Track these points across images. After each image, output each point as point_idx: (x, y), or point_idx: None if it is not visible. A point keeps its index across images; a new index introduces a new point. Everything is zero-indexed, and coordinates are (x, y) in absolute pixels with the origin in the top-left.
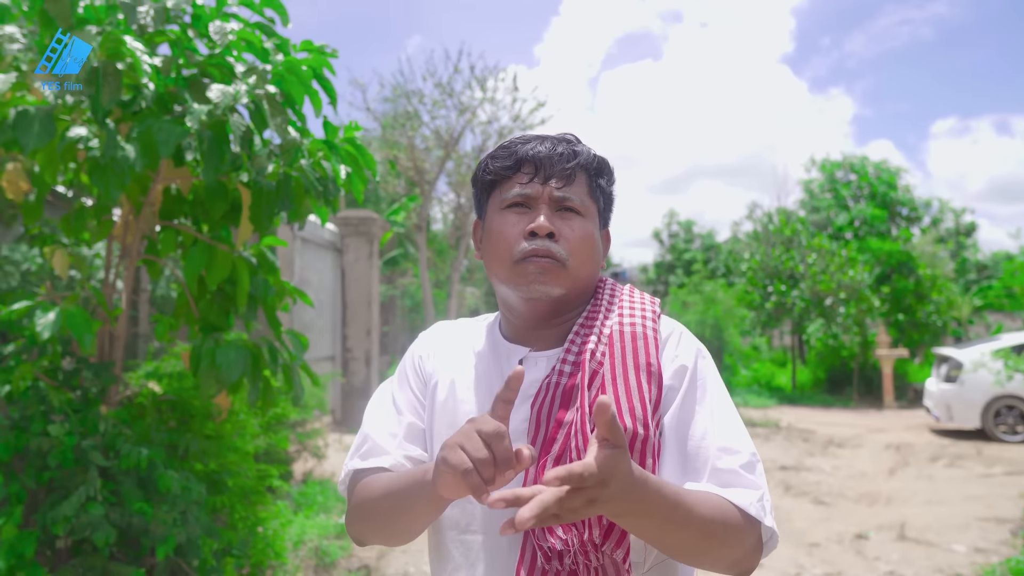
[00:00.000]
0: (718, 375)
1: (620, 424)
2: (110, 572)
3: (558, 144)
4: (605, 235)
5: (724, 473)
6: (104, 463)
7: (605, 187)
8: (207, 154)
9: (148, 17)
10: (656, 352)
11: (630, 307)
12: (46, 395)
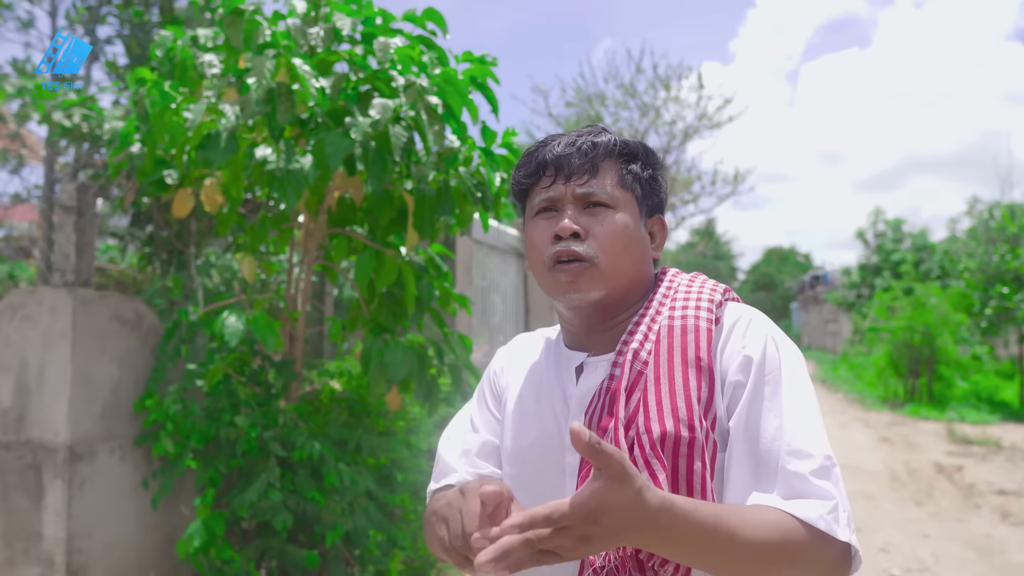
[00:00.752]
0: (797, 364)
1: (610, 450)
2: (287, 553)
3: (578, 138)
4: (656, 223)
5: (794, 479)
6: (282, 453)
7: (640, 172)
8: (371, 164)
9: (318, 38)
10: (708, 345)
11: (684, 297)
12: (235, 389)
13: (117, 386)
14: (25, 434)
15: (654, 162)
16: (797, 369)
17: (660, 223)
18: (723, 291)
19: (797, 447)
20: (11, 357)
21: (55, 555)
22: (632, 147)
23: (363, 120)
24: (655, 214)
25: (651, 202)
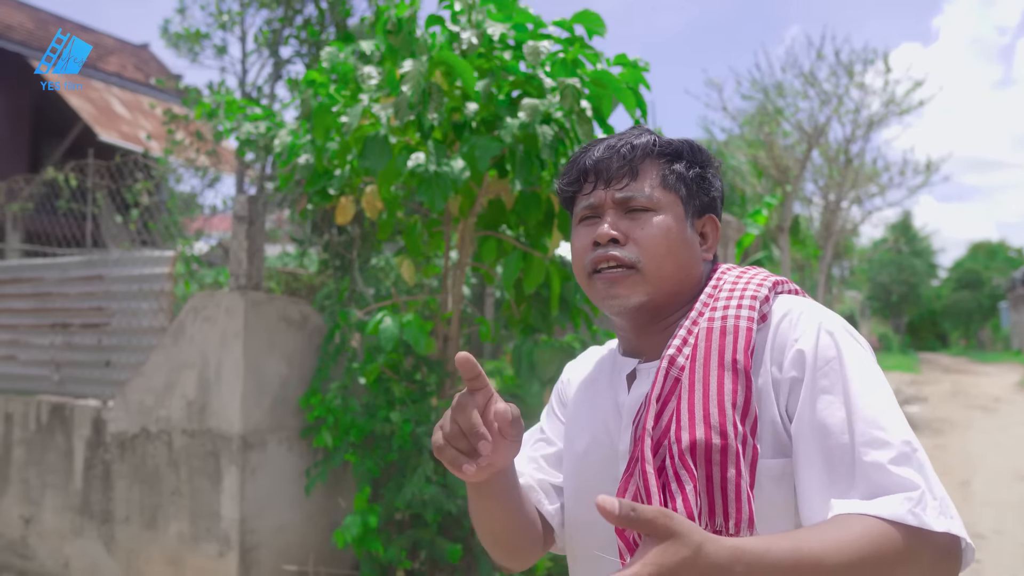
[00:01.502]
0: (857, 350)
1: (648, 513)
2: (437, 545)
3: (618, 141)
4: (707, 222)
5: (872, 471)
6: None
7: (685, 172)
8: (519, 166)
9: (470, 44)
10: (746, 345)
11: (727, 296)
12: (390, 387)
13: (285, 382)
14: (206, 424)
15: (702, 160)
16: (858, 355)
17: (712, 223)
18: (772, 285)
19: (870, 436)
20: (195, 354)
21: (231, 534)
22: (675, 146)
23: (513, 121)
24: (706, 213)
25: (699, 202)
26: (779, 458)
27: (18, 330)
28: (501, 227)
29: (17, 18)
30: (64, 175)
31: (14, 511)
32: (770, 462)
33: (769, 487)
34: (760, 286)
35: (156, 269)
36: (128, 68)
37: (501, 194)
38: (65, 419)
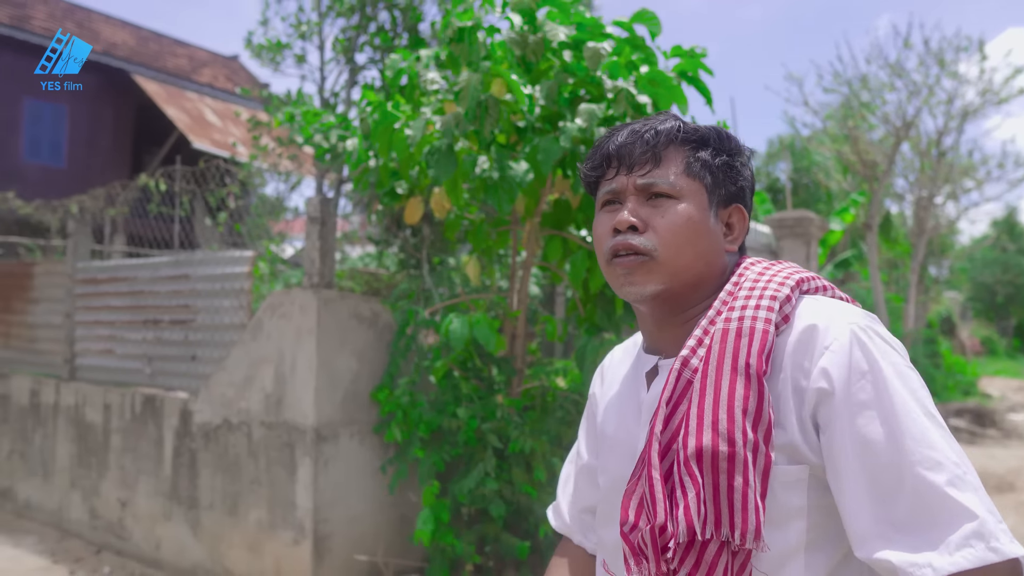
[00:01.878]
0: (895, 360)
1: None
2: (502, 540)
3: (643, 127)
4: (734, 212)
5: (930, 494)
6: (498, 445)
7: (711, 159)
8: (576, 169)
9: (531, 49)
10: (761, 350)
11: (746, 295)
12: (457, 384)
13: (356, 377)
14: (282, 416)
15: (730, 148)
16: (896, 364)
17: (739, 212)
18: (796, 283)
19: (921, 456)
20: (272, 349)
21: (305, 522)
22: (702, 133)
23: (571, 126)
24: (733, 203)
25: (726, 191)
26: (795, 465)
27: (115, 326)
28: (568, 226)
29: (121, 36)
30: (155, 181)
31: (113, 494)
32: (785, 468)
33: (784, 493)
34: (782, 285)
35: (236, 268)
36: (220, 79)
37: (566, 193)
38: (156, 410)
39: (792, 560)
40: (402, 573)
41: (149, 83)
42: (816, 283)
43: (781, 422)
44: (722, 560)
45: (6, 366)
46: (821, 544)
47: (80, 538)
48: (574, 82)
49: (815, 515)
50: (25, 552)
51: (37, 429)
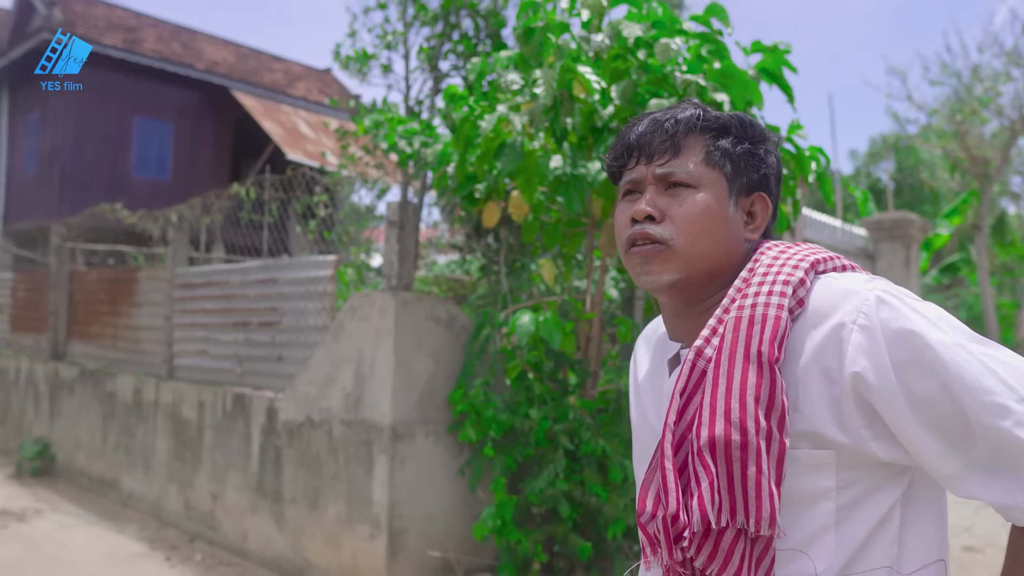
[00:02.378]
0: (927, 311)
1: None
2: (569, 541)
3: (663, 116)
4: (756, 200)
5: (999, 442)
6: (570, 447)
7: (731, 148)
8: None
9: (602, 46)
10: (773, 336)
11: (760, 282)
12: (531, 385)
13: (432, 377)
14: (361, 414)
15: (753, 135)
16: (929, 316)
17: (762, 201)
18: (810, 265)
19: (980, 405)
20: (352, 350)
21: (381, 517)
22: (723, 120)
23: None
24: (755, 191)
25: (747, 179)
26: (820, 449)
27: (209, 328)
28: None
29: (222, 54)
30: (247, 191)
31: (205, 487)
32: (809, 452)
33: (809, 476)
34: (796, 268)
35: (320, 272)
36: (313, 91)
37: None
38: (245, 408)
39: (821, 538)
40: (473, 571)
41: (247, 98)
42: (836, 263)
43: (800, 407)
44: (739, 547)
45: (114, 366)
46: (851, 523)
47: (176, 527)
48: (648, 79)
49: (844, 495)
50: (127, 538)
51: (139, 425)
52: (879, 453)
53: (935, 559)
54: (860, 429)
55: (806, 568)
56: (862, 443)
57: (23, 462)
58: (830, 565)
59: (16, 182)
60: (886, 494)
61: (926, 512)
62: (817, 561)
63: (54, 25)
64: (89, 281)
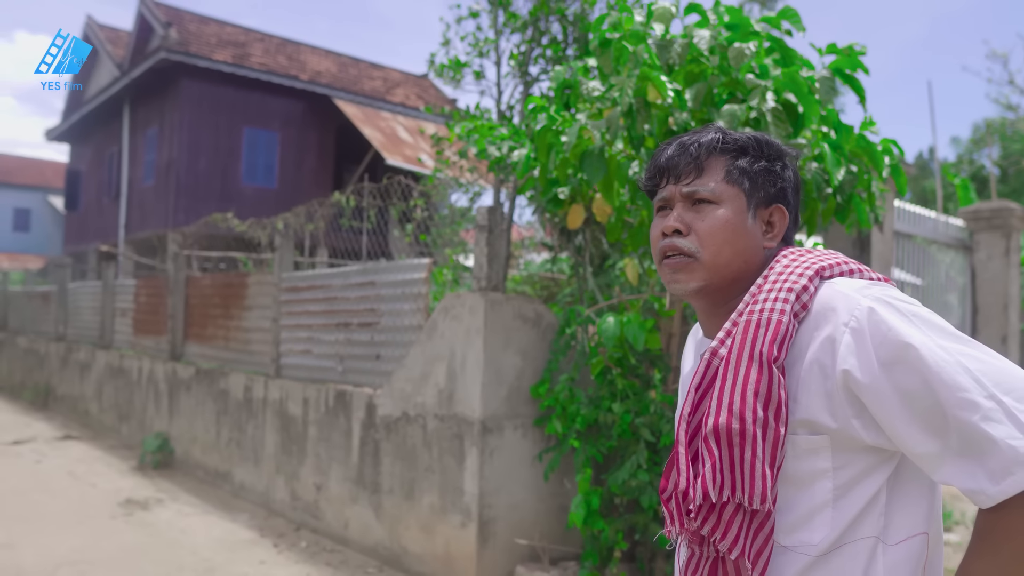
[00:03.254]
0: (911, 308)
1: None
2: (650, 530)
3: (689, 139)
4: (775, 211)
5: (967, 432)
6: (651, 439)
7: (749, 166)
8: None
9: (675, 54)
10: (773, 338)
11: (769, 289)
12: (614, 380)
13: (520, 373)
14: (453, 409)
15: (770, 154)
16: (914, 319)
17: (779, 211)
18: (815, 272)
19: (953, 400)
20: (444, 348)
21: (472, 507)
22: (741, 141)
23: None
24: (773, 203)
25: (765, 193)
26: (816, 435)
27: (312, 328)
28: None
29: (324, 64)
30: (346, 198)
31: (310, 479)
32: (807, 438)
33: (808, 458)
34: (800, 276)
35: (415, 275)
36: (411, 97)
37: None
38: (346, 404)
39: (820, 513)
40: (558, 559)
41: (348, 106)
42: (843, 268)
43: (799, 399)
44: (737, 519)
45: (226, 365)
46: (846, 500)
47: (283, 517)
48: (724, 83)
49: (840, 476)
50: (239, 526)
51: (249, 420)
52: (866, 439)
53: (919, 532)
54: (850, 419)
55: (807, 538)
56: (851, 430)
57: (145, 455)
58: (826, 536)
59: (136, 193)
60: (876, 475)
61: (912, 492)
62: (815, 532)
63: (171, 44)
64: (203, 286)
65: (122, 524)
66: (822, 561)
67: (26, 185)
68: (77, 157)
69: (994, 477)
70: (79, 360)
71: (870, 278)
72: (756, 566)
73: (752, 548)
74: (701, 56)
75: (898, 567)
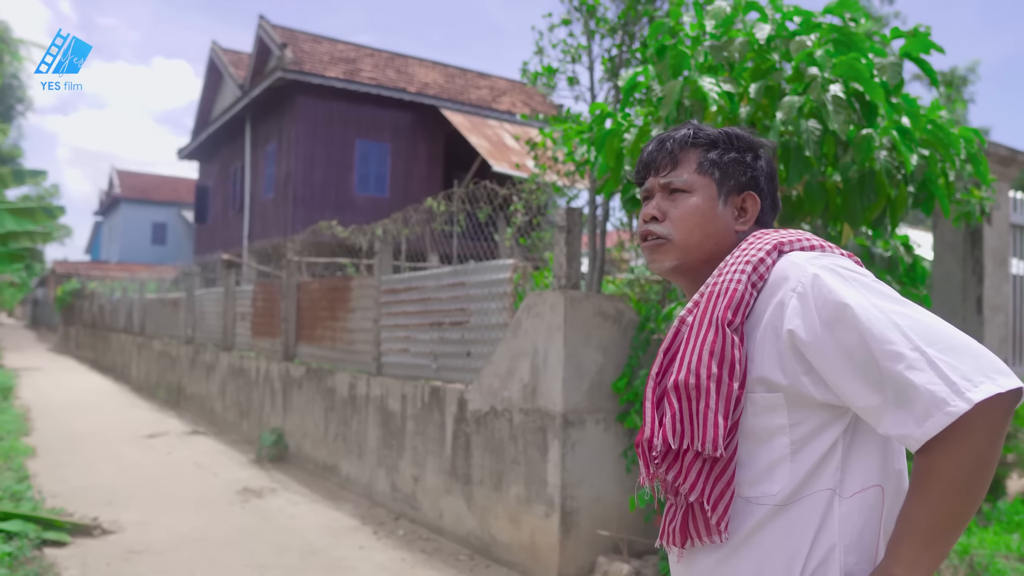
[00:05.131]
0: (852, 274)
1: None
2: None
3: (667, 136)
4: (746, 198)
5: (897, 380)
6: None
7: (719, 158)
8: (789, 162)
9: (736, 52)
10: (728, 304)
11: (732, 262)
12: None
13: (601, 369)
14: (536, 403)
15: (739, 146)
16: (853, 283)
17: (751, 198)
18: (773, 246)
19: (882, 352)
20: (528, 344)
21: (554, 497)
22: (712, 136)
23: (776, 123)
24: (745, 191)
25: (735, 181)
26: (771, 393)
27: (409, 328)
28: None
29: (432, 76)
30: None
31: (408, 471)
32: (763, 395)
33: (765, 415)
34: (759, 250)
35: (501, 275)
36: (517, 104)
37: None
38: (440, 399)
39: (779, 466)
40: (640, 551)
41: (455, 115)
42: (803, 243)
43: (756, 359)
44: (696, 466)
45: (333, 364)
46: (803, 454)
47: (383, 507)
48: (790, 76)
49: (796, 431)
50: (343, 515)
51: (354, 416)
52: (816, 395)
53: (873, 485)
54: (799, 375)
55: (767, 490)
56: (802, 387)
57: (262, 449)
58: (784, 487)
59: (257, 206)
60: (831, 431)
61: (865, 447)
62: (775, 484)
63: (286, 64)
64: (312, 290)
65: (238, 509)
66: (782, 511)
67: (162, 201)
68: (205, 173)
69: (918, 421)
70: (205, 361)
71: (833, 252)
72: (716, 510)
73: (712, 493)
74: (764, 51)
75: (852, 517)
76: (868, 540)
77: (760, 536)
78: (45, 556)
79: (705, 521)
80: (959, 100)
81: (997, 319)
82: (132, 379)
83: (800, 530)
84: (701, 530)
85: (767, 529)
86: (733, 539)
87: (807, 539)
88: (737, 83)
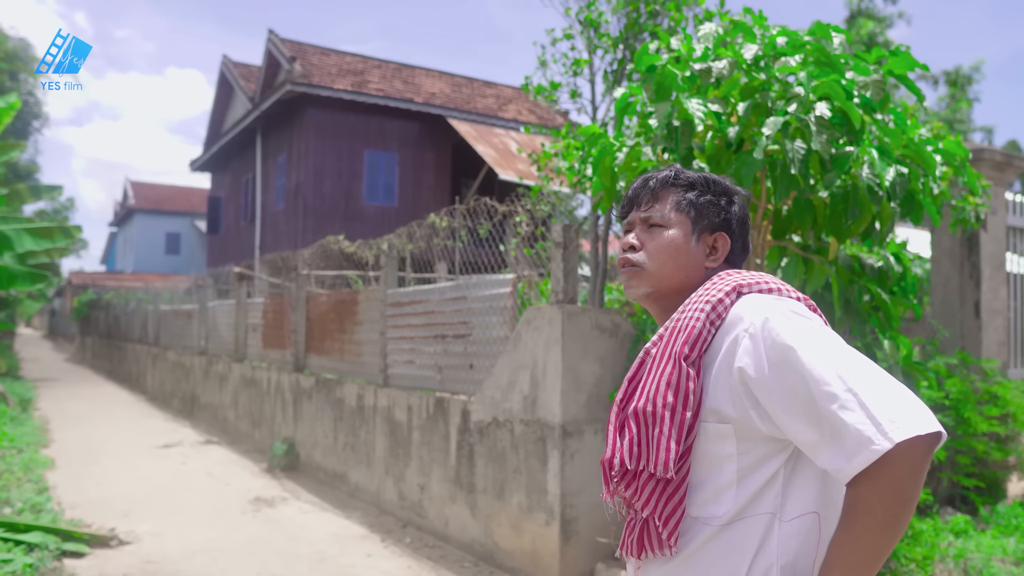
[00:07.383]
0: (799, 325)
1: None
2: None
3: (650, 176)
4: (718, 238)
5: (832, 419)
6: None
7: (696, 199)
8: (776, 179)
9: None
10: (686, 340)
11: (695, 301)
12: None
13: (599, 381)
14: (536, 414)
15: (715, 190)
16: (799, 332)
17: (722, 238)
18: (732, 288)
19: (819, 392)
20: (528, 357)
21: (554, 506)
22: (692, 179)
23: (763, 141)
24: (718, 231)
25: (709, 221)
26: (722, 424)
27: (414, 340)
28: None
29: (438, 86)
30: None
31: (414, 480)
32: (715, 426)
33: (717, 443)
34: (720, 291)
35: (501, 290)
36: (523, 113)
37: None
38: (444, 410)
39: (726, 491)
40: None
41: (461, 124)
42: (761, 286)
43: (711, 392)
44: (650, 486)
45: (342, 375)
46: (747, 480)
47: (391, 515)
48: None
49: (743, 459)
50: (352, 523)
51: (362, 426)
52: (763, 429)
53: (811, 511)
54: (747, 410)
55: (714, 511)
56: (749, 420)
57: (273, 459)
58: (729, 509)
59: (269, 216)
60: (774, 461)
61: (805, 476)
62: (721, 507)
63: (295, 77)
64: (321, 303)
65: (250, 519)
66: (725, 530)
67: (176, 211)
68: (217, 184)
69: (848, 457)
70: (218, 372)
71: (788, 296)
72: (667, 526)
73: (664, 511)
74: (751, 70)
75: (790, 541)
76: (804, 563)
77: (705, 552)
78: (65, 567)
79: (658, 536)
80: (963, 99)
81: (995, 323)
82: (147, 389)
83: (742, 549)
84: (654, 543)
85: (712, 546)
86: (682, 553)
87: (747, 558)
88: (726, 102)
